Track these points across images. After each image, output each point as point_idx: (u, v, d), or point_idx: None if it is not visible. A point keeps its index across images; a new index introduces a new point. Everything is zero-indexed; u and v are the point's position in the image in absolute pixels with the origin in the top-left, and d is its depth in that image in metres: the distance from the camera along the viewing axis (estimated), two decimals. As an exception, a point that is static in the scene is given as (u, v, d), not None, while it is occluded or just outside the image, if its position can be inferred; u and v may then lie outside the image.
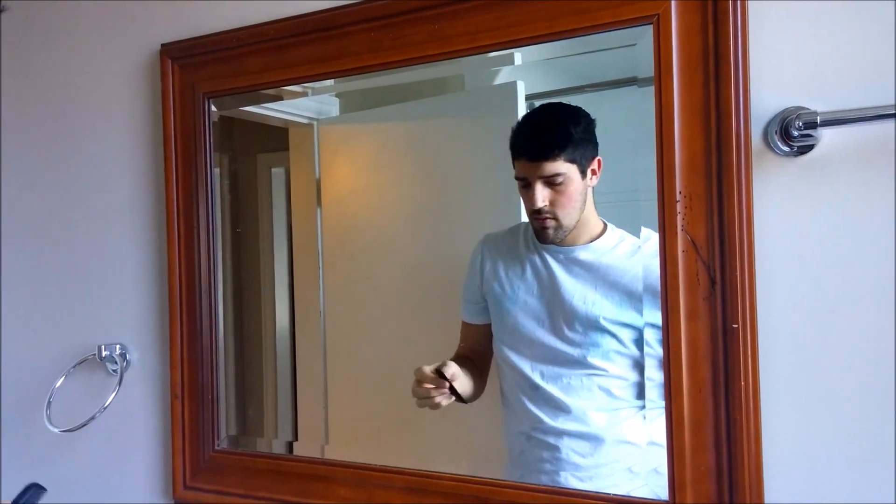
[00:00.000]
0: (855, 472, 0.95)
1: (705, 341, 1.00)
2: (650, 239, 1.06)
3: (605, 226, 1.15)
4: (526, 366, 1.18)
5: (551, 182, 1.14)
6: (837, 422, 0.96)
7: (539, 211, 1.15)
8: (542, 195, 1.14)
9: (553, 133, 1.15)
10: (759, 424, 0.98)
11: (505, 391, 1.23)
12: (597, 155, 1.13)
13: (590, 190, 1.15)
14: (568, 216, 1.15)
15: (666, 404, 1.02)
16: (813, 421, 0.98)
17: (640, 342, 1.08)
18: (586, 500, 1.10)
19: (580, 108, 1.13)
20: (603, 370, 1.13)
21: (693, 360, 1.00)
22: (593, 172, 1.13)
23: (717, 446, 0.99)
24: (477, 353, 1.26)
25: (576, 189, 1.14)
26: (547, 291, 1.18)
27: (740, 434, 0.98)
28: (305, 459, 1.36)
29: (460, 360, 1.25)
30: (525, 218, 1.19)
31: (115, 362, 1.54)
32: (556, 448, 1.16)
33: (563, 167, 1.13)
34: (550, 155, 1.13)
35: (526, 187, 1.16)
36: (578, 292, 1.15)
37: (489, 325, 1.24)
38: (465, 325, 1.27)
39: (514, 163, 1.17)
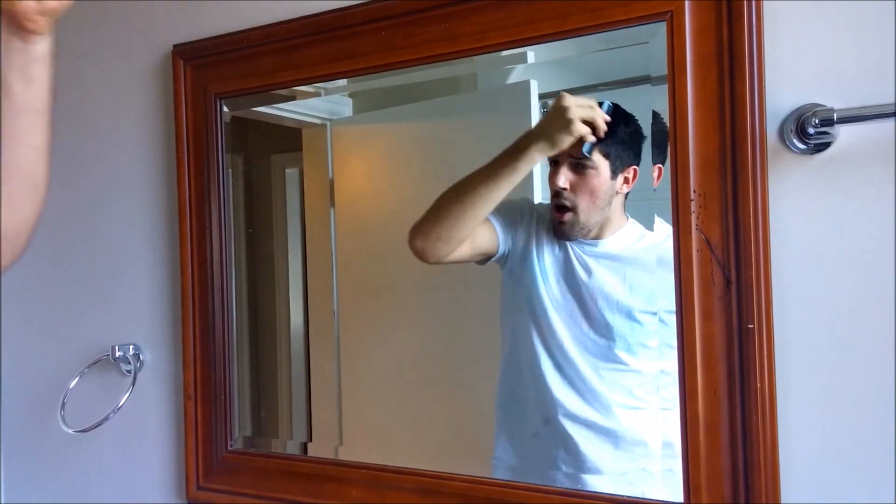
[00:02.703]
0: (872, 473, 0.94)
1: (720, 341, 0.99)
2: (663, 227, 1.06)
3: (628, 220, 1.15)
4: (551, 350, 1.17)
5: (579, 165, 1.13)
6: (854, 422, 0.95)
7: (558, 194, 1.14)
8: (565, 176, 1.13)
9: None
10: (774, 425, 0.97)
11: (522, 368, 1.21)
12: (635, 165, 1.11)
13: (619, 196, 1.14)
14: (586, 209, 1.15)
15: (680, 405, 1.01)
16: (829, 421, 0.96)
17: (664, 333, 1.07)
18: (601, 501, 1.09)
19: (635, 118, 1.12)
20: (625, 364, 1.12)
21: (708, 360, 0.99)
22: (626, 180, 1.12)
23: (732, 447, 0.98)
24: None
25: (601, 185, 1.13)
26: (578, 279, 1.17)
27: (756, 435, 0.97)
28: (317, 460, 1.36)
29: None
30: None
31: (129, 363, 1.54)
32: (573, 442, 1.15)
33: (594, 155, 1.12)
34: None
35: (554, 167, 1.15)
36: (608, 281, 1.14)
37: (493, 238, 1.22)
38: None
39: None
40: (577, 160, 1.13)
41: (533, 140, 1.14)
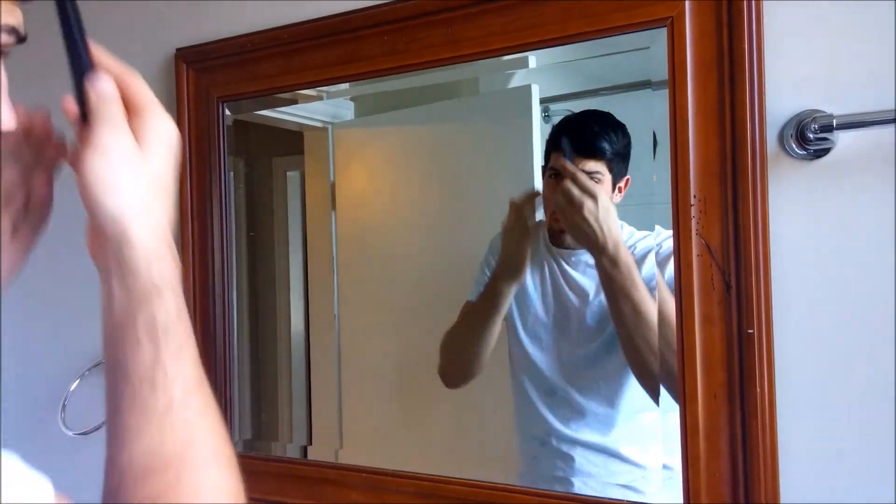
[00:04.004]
0: (873, 479, 0.94)
1: (720, 347, 0.99)
2: (665, 238, 1.06)
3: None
4: (542, 370, 1.17)
5: None
6: (855, 428, 0.95)
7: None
8: None
9: (605, 134, 1.13)
10: (774, 431, 0.97)
11: (518, 395, 1.22)
12: (627, 174, 1.12)
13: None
14: None
15: (680, 410, 1.01)
16: (830, 427, 0.96)
17: None
18: (600, 506, 1.09)
19: (626, 127, 1.12)
20: (622, 377, 1.12)
21: (707, 365, 0.99)
22: (619, 190, 1.13)
23: (732, 453, 0.98)
24: None
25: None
26: (564, 293, 1.17)
27: (756, 441, 0.97)
28: (317, 464, 1.36)
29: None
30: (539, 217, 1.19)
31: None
32: (570, 457, 1.15)
33: (601, 167, 1.13)
34: (596, 153, 1.12)
35: (558, 181, 1.14)
36: (595, 292, 1.14)
37: None
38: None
39: (549, 154, 1.16)
40: (586, 174, 1.13)
41: (497, 276, 1.21)
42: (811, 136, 0.93)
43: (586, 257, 1.15)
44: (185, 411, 0.60)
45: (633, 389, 1.11)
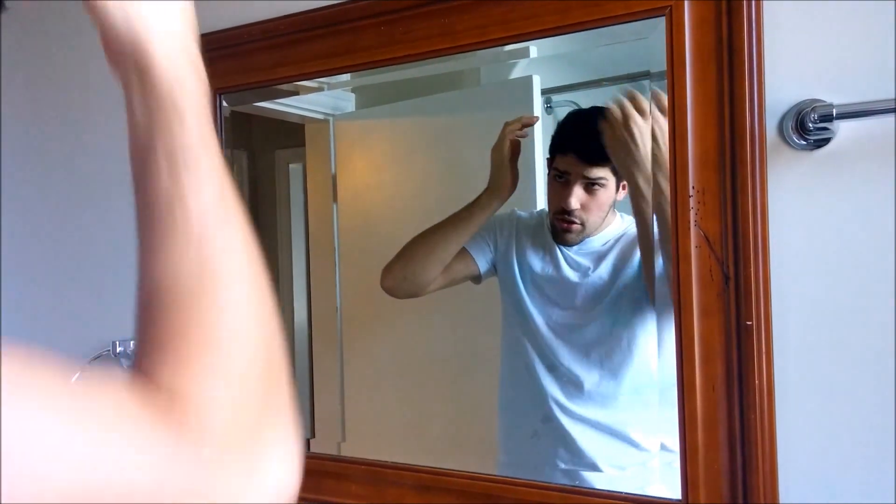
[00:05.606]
0: (872, 472, 0.94)
1: (719, 338, 0.98)
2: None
3: (616, 215, 1.16)
4: (546, 346, 1.18)
5: (591, 184, 1.14)
6: (854, 421, 0.94)
7: (570, 212, 1.15)
8: (578, 196, 1.15)
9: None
10: (773, 423, 0.96)
11: (518, 371, 1.22)
12: None
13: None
14: (593, 222, 1.16)
15: (679, 402, 1.01)
16: (829, 420, 0.96)
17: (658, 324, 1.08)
18: (599, 497, 1.09)
19: None
20: (623, 352, 1.13)
21: (706, 357, 0.99)
22: (623, 187, 1.14)
23: (730, 445, 0.98)
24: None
25: (608, 198, 1.15)
26: (564, 270, 1.18)
27: (754, 433, 0.96)
28: (317, 456, 1.36)
29: None
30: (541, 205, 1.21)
31: (130, 358, 1.54)
32: (570, 436, 1.15)
33: (607, 174, 1.14)
34: (602, 159, 1.13)
35: (563, 184, 1.15)
36: (598, 272, 1.15)
37: (473, 265, 1.25)
38: None
39: (555, 157, 1.17)
40: (590, 180, 1.14)
41: (485, 190, 1.22)
42: (811, 125, 0.93)
43: (586, 248, 1.16)
44: (208, 243, 0.55)
45: (634, 367, 1.12)
